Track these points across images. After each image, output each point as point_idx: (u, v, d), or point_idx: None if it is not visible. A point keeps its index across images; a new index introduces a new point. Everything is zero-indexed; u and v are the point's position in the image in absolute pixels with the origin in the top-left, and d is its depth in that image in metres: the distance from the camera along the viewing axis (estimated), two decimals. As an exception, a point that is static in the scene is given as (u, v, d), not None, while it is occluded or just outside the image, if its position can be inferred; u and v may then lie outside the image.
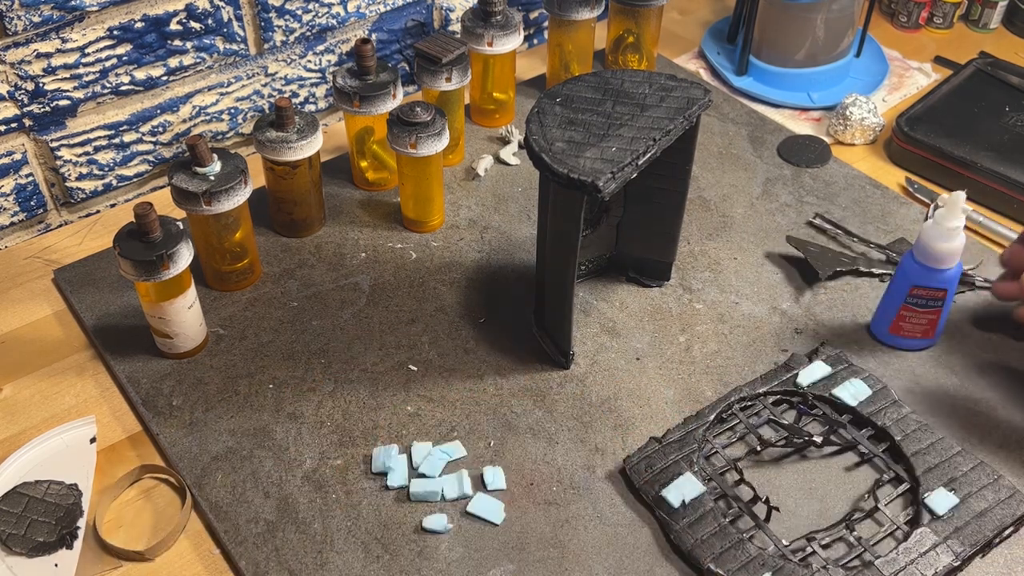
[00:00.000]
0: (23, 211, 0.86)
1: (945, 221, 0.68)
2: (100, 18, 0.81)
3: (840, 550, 0.63)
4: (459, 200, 0.89)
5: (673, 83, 0.70)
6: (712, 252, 0.84)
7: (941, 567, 0.60)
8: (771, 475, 0.67)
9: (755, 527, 0.63)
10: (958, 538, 0.62)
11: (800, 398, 0.71)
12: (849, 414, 0.70)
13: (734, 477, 0.66)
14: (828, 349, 0.74)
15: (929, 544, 0.61)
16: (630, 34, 1.00)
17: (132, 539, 0.63)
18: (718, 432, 0.69)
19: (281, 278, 0.81)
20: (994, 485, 0.65)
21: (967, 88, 0.99)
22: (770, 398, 0.71)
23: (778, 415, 0.70)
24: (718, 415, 0.69)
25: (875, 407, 0.69)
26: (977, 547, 0.62)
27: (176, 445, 0.68)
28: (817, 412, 0.70)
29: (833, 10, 0.99)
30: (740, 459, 0.67)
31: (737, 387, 0.71)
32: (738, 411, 0.70)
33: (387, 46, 1.01)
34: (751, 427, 0.69)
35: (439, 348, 0.75)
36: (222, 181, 0.72)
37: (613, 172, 0.62)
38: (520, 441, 0.69)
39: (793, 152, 0.95)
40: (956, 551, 0.61)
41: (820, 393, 0.71)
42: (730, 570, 0.60)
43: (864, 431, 0.69)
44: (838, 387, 0.71)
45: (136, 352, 0.74)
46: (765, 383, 0.71)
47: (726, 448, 0.68)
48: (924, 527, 0.62)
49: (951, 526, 0.62)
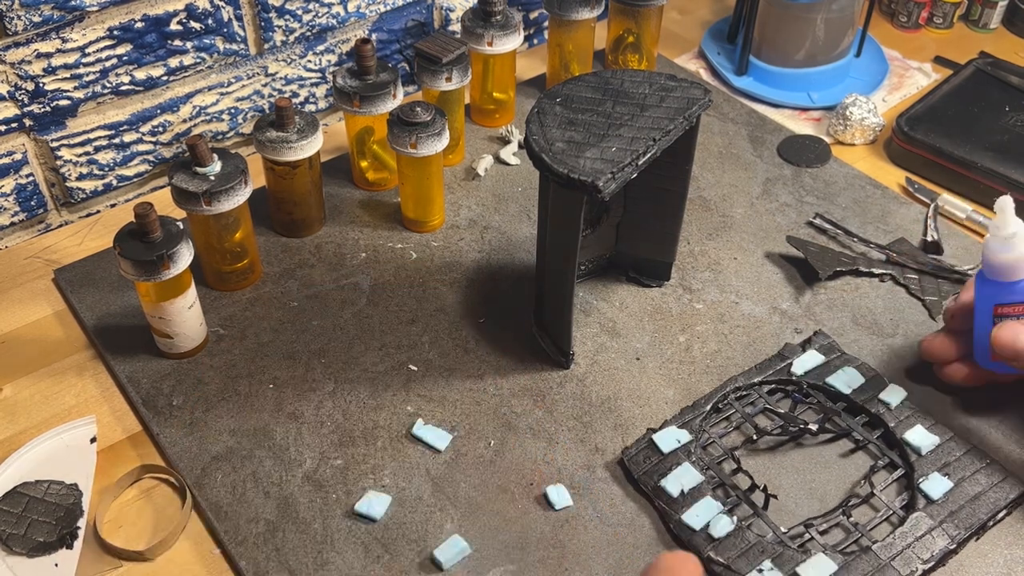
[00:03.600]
0: (23, 211, 0.86)
1: (1000, 231, 0.64)
2: (100, 18, 0.81)
3: (837, 536, 0.63)
4: (459, 200, 0.89)
5: (673, 83, 0.70)
6: (712, 252, 0.84)
7: (937, 550, 0.61)
8: (768, 463, 0.67)
9: (753, 515, 0.63)
10: (953, 522, 0.63)
11: (795, 387, 0.71)
12: (843, 402, 0.70)
13: (731, 466, 0.66)
14: (821, 338, 0.74)
15: (925, 528, 0.62)
16: (630, 34, 1.00)
17: (132, 539, 0.63)
18: (715, 422, 0.69)
19: (281, 278, 0.81)
20: (987, 469, 0.66)
21: (967, 88, 0.99)
22: (765, 387, 0.72)
23: (773, 404, 0.70)
24: (714, 405, 0.70)
25: (868, 394, 0.70)
26: (972, 530, 0.62)
27: (176, 445, 0.68)
28: (812, 400, 0.71)
29: (833, 10, 0.99)
30: (737, 448, 0.68)
31: (732, 377, 0.72)
32: (734, 401, 0.71)
33: (387, 46, 1.01)
34: (747, 416, 0.69)
35: (439, 348, 0.75)
36: (222, 181, 0.72)
37: (613, 172, 0.62)
38: (520, 441, 0.69)
39: (793, 152, 0.95)
40: (951, 534, 0.62)
41: (814, 382, 0.71)
42: (730, 558, 0.60)
43: (858, 418, 0.70)
44: (832, 375, 0.71)
45: (136, 352, 0.74)
46: (760, 373, 0.72)
47: (723, 437, 0.69)
48: (919, 511, 0.63)
49: (946, 510, 0.63)
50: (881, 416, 0.69)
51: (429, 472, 0.67)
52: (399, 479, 0.66)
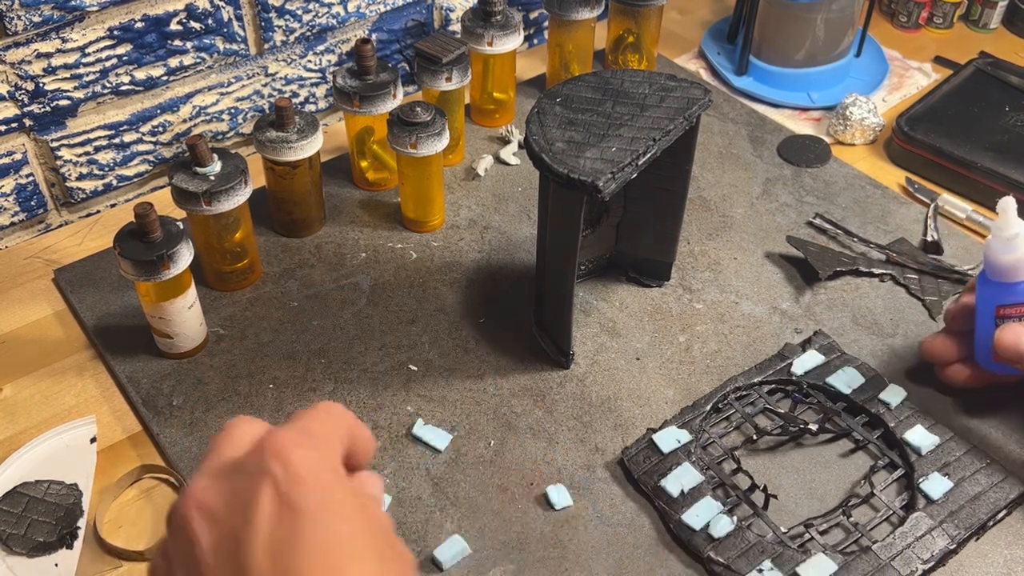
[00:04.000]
0: (23, 211, 0.86)
1: (1002, 232, 0.64)
2: (100, 18, 0.81)
3: (838, 536, 0.63)
4: (459, 200, 0.89)
5: (673, 83, 0.70)
6: (712, 252, 0.84)
7: (937, 550, 0.61)
8: (767, 463, 0.67)
9: (753, 515, 0.63)
10: (953, 522, 0.63)
11: (795, 387, 0.71)
12: (843, 402, 0.70)
13: (731, 466, 0.66)
14: (821, 338, 0.74)
15: (925, 528, 0.62)
16: (630, 34, 1.00)
17: (132, 539, 0.63)
18: (715, 422, 0.69)
19: (281, 278, 0.81)
20: (987, 469, 0.66)
21: (967, 88, 0.99)
22: (765, 387, 0.72)
23: (773, 404, 0.70)
24: (714, 405, 0.70)
25: (868, 394, 0.70)
26: (972, 530, 0.62)
27: (176, 445, 0.68)
28: (811, 400, 0.71)
29: (833, 10, 0.99)
30: (737, 448, 0.68)
31: (732, 377, 0.72)
32: (734, 401, 0.71)
33: (387, 46, 1.01)
34: (747, 416, 0.69)
35: (439, 348, 0.75)
36: (222, 181, 0.72)
37: (613, 172, 0.62)
38: (520, 441, 0.69)
39: (793, 152, 0.95)
40: (951, 534, 0.62)
41: (814, 382, 0.71)
42: (730, 558, 0.60)
43: (858, 418, 0.70)
44: (832, 375, 0.71)
45: (136, 352, 0.74)
46: (760, 373, 0.72)
47: (723, 437, 0.69)
48: (919, 511, 0.63)
49: (946, 510, 0.63)
50: (881, 416, 0.69)
51: (429, 472, 0.67)
52: (399, 479, 0.66)
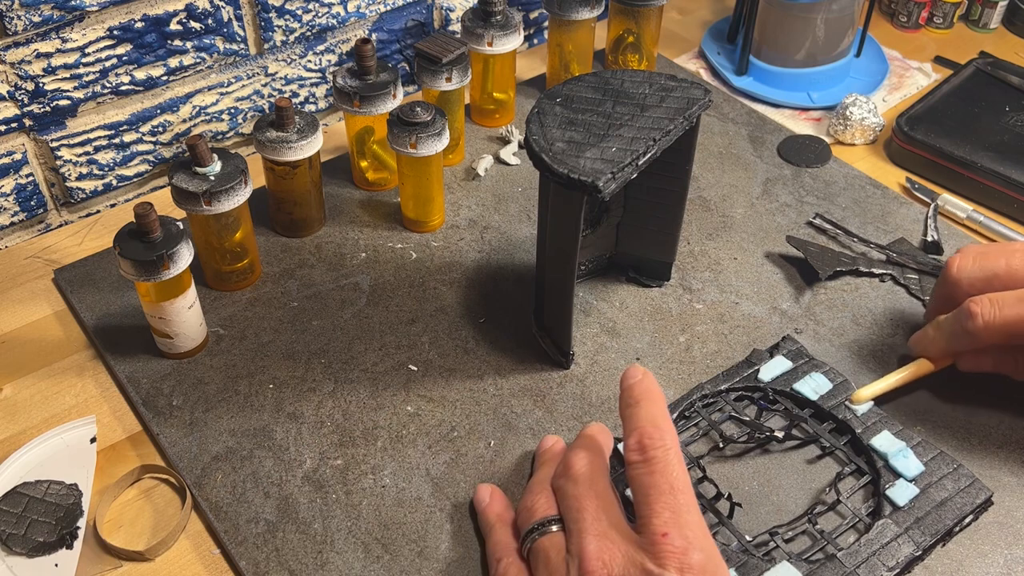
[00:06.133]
0: (23, 211, 0.86)
1: None
2: (100, 18, 0.81)
3: (803, 543, 0.63)
4: (459, 200, 0.89)
5: (673, 83, 0.70)
6: (712, 252, 0.84)
7: (903, 557, 0.61)
8: (734, 471, 0.67)
9: (719, 523, 0.63)
10: (919, 528, 0.62)
11: (761, 393, 0.71)
12: (810, 408, 0.70)
13: (697, 475, 0.66)
14: (789, 343, 0.74)
15: (890, 535, 0.62)
16: (630, 34, 1.00)
17: (132, 539, 0.63)
18: (681, 429, 0.69)
19: (281, 278, 0.81)
20: (954, 474, 0.65)
21: (967, 88, 0.99)
22: (732, 394, 0.71)
23: (740, 411, 0.70)
24: (680, 413, 0.69)
25: (836, 400, 0.70)
26: (938, 536, 0.62)
27: (176, 445, 0.68)
28: (778, 407, 0.70)
29: (833, 10, 0.99)
30: (703, 456, 0.67)
31: (699, 384, 0.71)
32: (700, 408, 0.70)
33: (387, 46, 1.01)
34: (713, 424, 0.69)
35: (439, 348, 0.75)
36: (222, 181, 0.72)
37: (613, 172, 0.62)
38: (520, 441, 0.69)
39: (793, 152, 0.95)
40: (917, 541, 0.61)
41: (781, 388, 0.71)
42: None
43: (825, 424, 0.69)
44: (799, 381, 0.71)
45: (136, 352, 0.74)
46: (727, 379, 0.71)
47: (689, 445, 0.68)
48: (885, 518, 0.63)
49: (912, 516, 0.63)
50: (848, 422, 0.68)
51: (429, 472, 0.67)
52: (399, 479, 0.66)
